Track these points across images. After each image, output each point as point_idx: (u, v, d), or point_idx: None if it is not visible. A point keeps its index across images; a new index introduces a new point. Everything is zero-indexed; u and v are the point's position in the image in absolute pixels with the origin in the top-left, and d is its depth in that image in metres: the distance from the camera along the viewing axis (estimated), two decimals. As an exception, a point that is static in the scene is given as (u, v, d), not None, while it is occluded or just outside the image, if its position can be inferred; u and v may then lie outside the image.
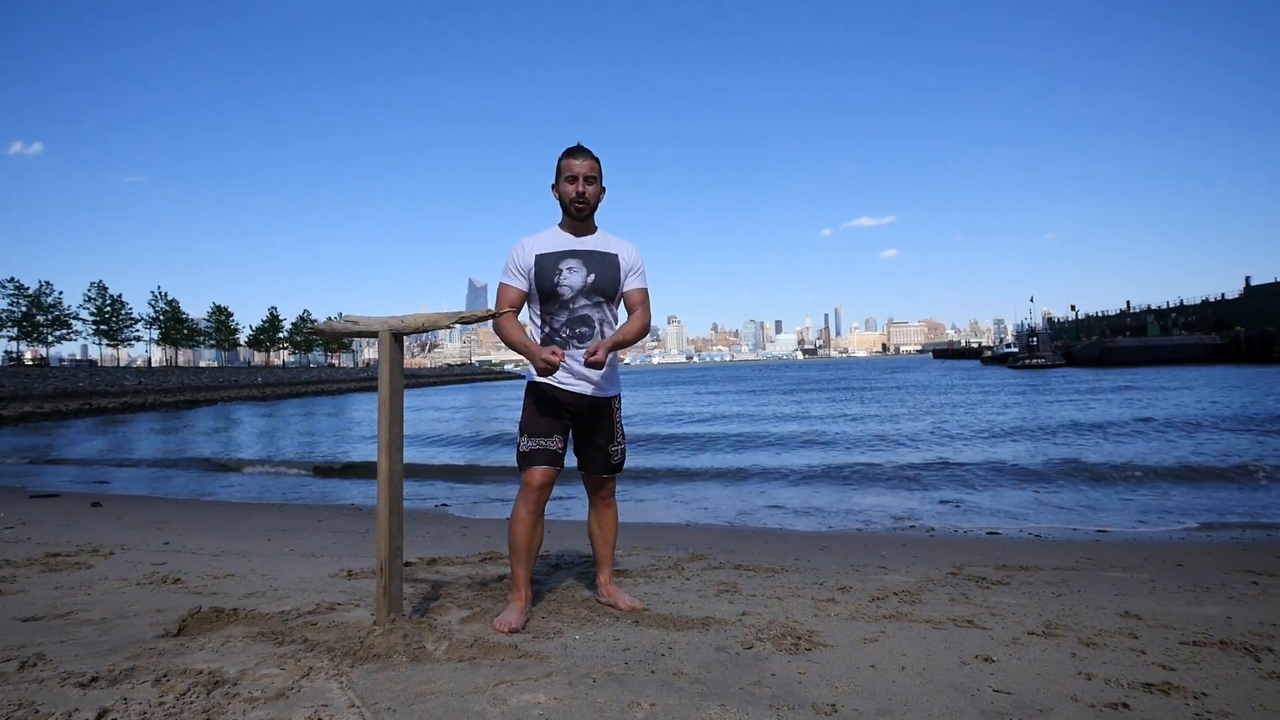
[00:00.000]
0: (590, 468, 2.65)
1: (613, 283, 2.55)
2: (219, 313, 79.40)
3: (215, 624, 2.30)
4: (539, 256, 2.53)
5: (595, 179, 2.54)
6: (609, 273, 2.55)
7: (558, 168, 2.55)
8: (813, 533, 5.65)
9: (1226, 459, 9.00)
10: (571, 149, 2.55)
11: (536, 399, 2.51)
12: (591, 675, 1.88)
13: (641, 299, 2.61)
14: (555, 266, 2.51)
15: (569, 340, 2.52)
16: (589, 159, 2.53)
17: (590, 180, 2.52)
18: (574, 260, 2.53)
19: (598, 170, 2.55)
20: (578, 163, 2.52)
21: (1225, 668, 2.00)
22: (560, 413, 2.50)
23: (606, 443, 2.61)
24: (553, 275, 2.50)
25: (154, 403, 37.86)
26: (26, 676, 1.82)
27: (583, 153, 2.54)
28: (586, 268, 2.53)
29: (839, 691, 1.81)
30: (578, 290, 2.51)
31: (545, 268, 2.51)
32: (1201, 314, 70.82)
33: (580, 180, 2.51)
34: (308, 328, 2.51)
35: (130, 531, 5.10)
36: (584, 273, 2.52)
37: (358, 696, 1.71)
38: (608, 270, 2.55)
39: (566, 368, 2.48)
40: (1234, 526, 5.58)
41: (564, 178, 2.53)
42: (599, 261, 2.54)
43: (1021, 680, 1.91)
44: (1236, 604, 2.82)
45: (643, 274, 2.64)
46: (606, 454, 2.62)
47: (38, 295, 54.39)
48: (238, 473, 11.03)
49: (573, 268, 2.52)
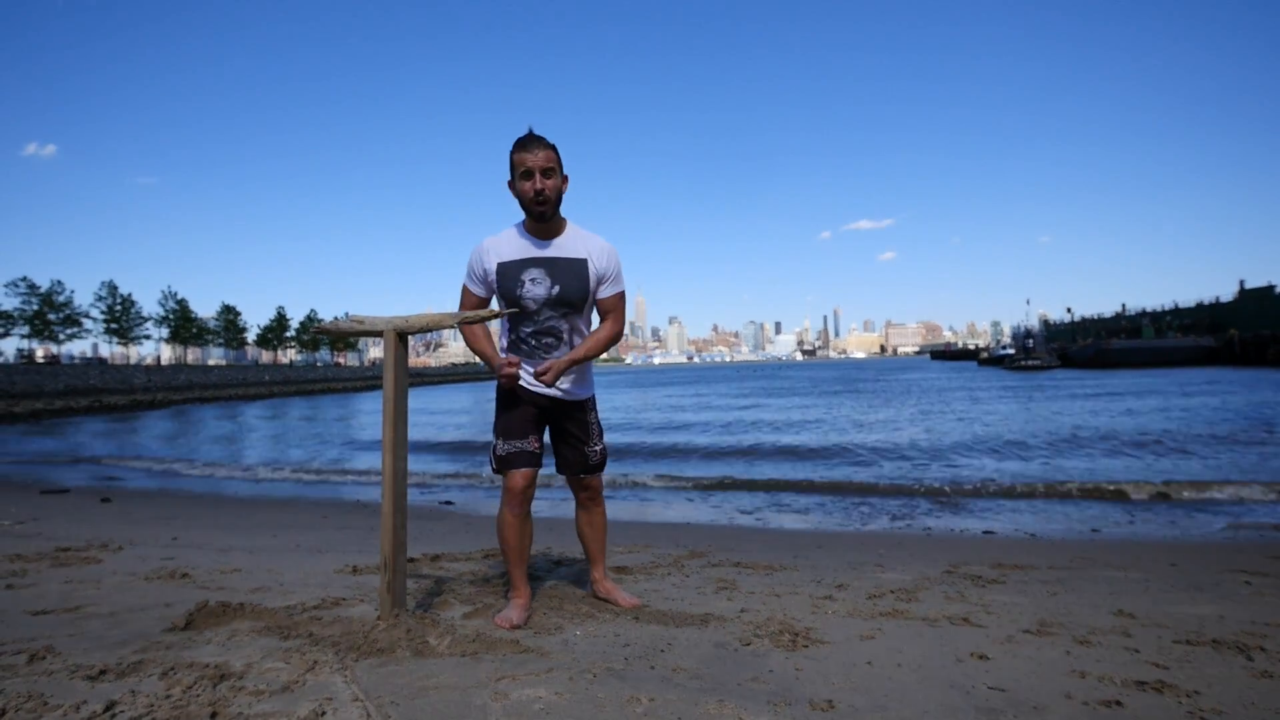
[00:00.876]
0: (568, 469, 2.60)
1: (580, 293, 2.40)
2: (227, 312, 79.81)
3: (222, 618, 2.34)
4: (500, 265, 2.38)
5: (554, 169, 2.32)
6: (575, 283, 2.39)
7: (511, 163, 2.33)
8: (811, 531, 5.67)
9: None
10: (522, 140, 2.31)
11: (507, 401, 2.47)
12: (592, 670, 1.90)
13: (613, 305, 2.48)
14: (518, 278, 2.37)
15: (535, 350, 2.44)
16: (543, 148, 2.29)
17: (548, 173, 2.30)
18: (537, 270, 2.37)
19: (555, 160, 2.32)
20: (530, 155, 2.28)
21: (1218, 666, 2.01)
22: (533, 412, 2.45)
23: (582, 444, 2.56)
24: (515, 287, 2.37)
25: (163, 400, 38.08)
26: (36, 669, 1.85)
27: (535, 142, 2.30)
28: (551, 278, 2.37)
29: (836, 688, 1.83)
30: (542, 301, 2.38)
31: (507, 278, 2.38)
32: (1196, 317, 70.78)
33: (537, 176, 2.28)
34: (315, 327, 2.53)
35: (139, 527, 5.15)
36: (548, 284, 2.37)
37: (361, 690, 1.74)
38: (574, 280, 2.39)
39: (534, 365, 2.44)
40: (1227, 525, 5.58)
41: (519, 174, 2.30)
42: (564, 270, 2.38)
43: (1016, 677, 1.92)
44: (1229, 603, 2.83)
45: (617, 278, 2.47)
46: (583, 455, 2.57)
47: (49, 294, 54.79)
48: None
49: (536, 279, 2.37)
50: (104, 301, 60.88)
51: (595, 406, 2.66)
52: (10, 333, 52.91)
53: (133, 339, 64.00)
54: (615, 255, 2.48)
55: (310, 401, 39.62)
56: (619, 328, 2.51)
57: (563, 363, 2.35)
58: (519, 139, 2.33)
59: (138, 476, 10.26)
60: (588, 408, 2.60)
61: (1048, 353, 62.97)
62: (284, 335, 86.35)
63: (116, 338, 62.13)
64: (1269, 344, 47.83)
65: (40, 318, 53.95)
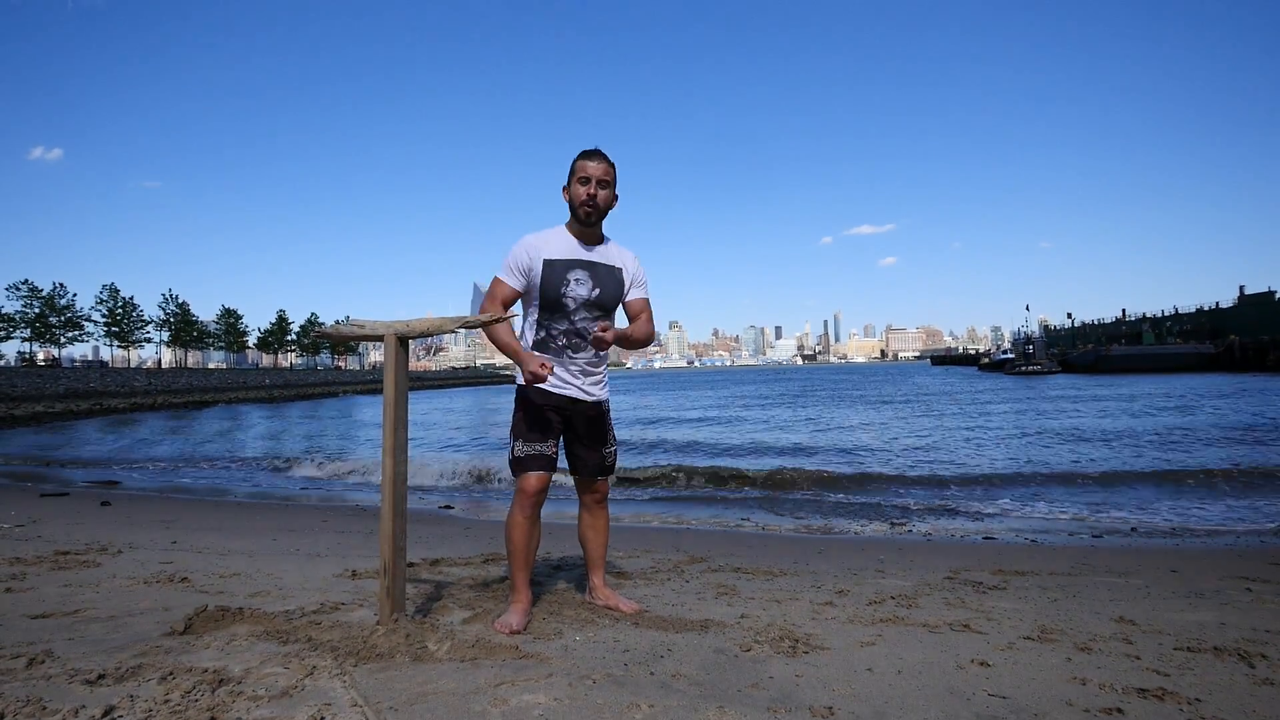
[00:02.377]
0: (584, 471, 2.63)
1: (615, 298, 2.53)
2: (228, 315, 79.90)
3: (221, 623, 2.33)
4: (548, 262, 2.44)
5: (609, 184, 2.46)
6: (613, 288, 2.51)
7: (571, 169, 2.46)
8: (811, 537, 5.66)
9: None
10: (588, 151, 2.47)
11: (527, 403, 2.49)
12: (591, 676, 1.90)
13: (644, 307, 2.59)
14: (564, 276, 2.44)
15: (564, 349, 2.48)
16: (604, 162, 2.44)
17: (604, 184, 2.44)
18: (582, 272, 2.46)
19: (612, 175, 2.46)
20: (593, 165, 2.42)
21: (1219, 674, 2.01)
22: (551, 417, 2.49)
23: (600, 445, 2.60)
24: (559, 285, 2.44)
25: (163, 403, 38.10)
26: (35, 673, 1.85)
27: (599, 156, 2.45)
28: (593, 281, 2.47)
29: (836, 694, 1.83)
30: (581, 302, 2.46)
31: (553, 275, 2.44)
32: (1196, 322, 70.88)
33: (593, 183, 2.42)
34: (315, 331, 2.54)
35: (138, 530, 5.15)
36: (590, 285, 2.47)
37: (360, 695, 1.74)
38: (612, 285, 2.51)
39: (557, 374, 2.47)
40: (1227, 533, 5.57)
41: (577, 179, 2.44)
42: (605, 275, 2.50)
43: (1017, 684, 1.92)
44: (1230, 610, 2.83)
45: (645, 286, 2.61)
46: (601, 456, 2.61)
47: (51, 297, 54.87)
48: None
49: (580, 279, 2.45)
50: (105, 304, 60.99)
51: (609, 409, 2.70)
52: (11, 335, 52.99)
53: (133, 342, 64.10)
54: (642, 267, 2.63)
55: (310, 405, 39.62)
56: (653, 328, 2.61)
57: (621, 330, 2.44)
58: (585, 150, 2.48)
59: (137, 479, 10.26)
60: (605, 410, 2.64)
61: (1048, 358, 63.01)
62: (285, 339, 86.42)
63: (117, 341, 62.22)
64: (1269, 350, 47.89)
65: (41, 320, 54.03)
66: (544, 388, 2.47)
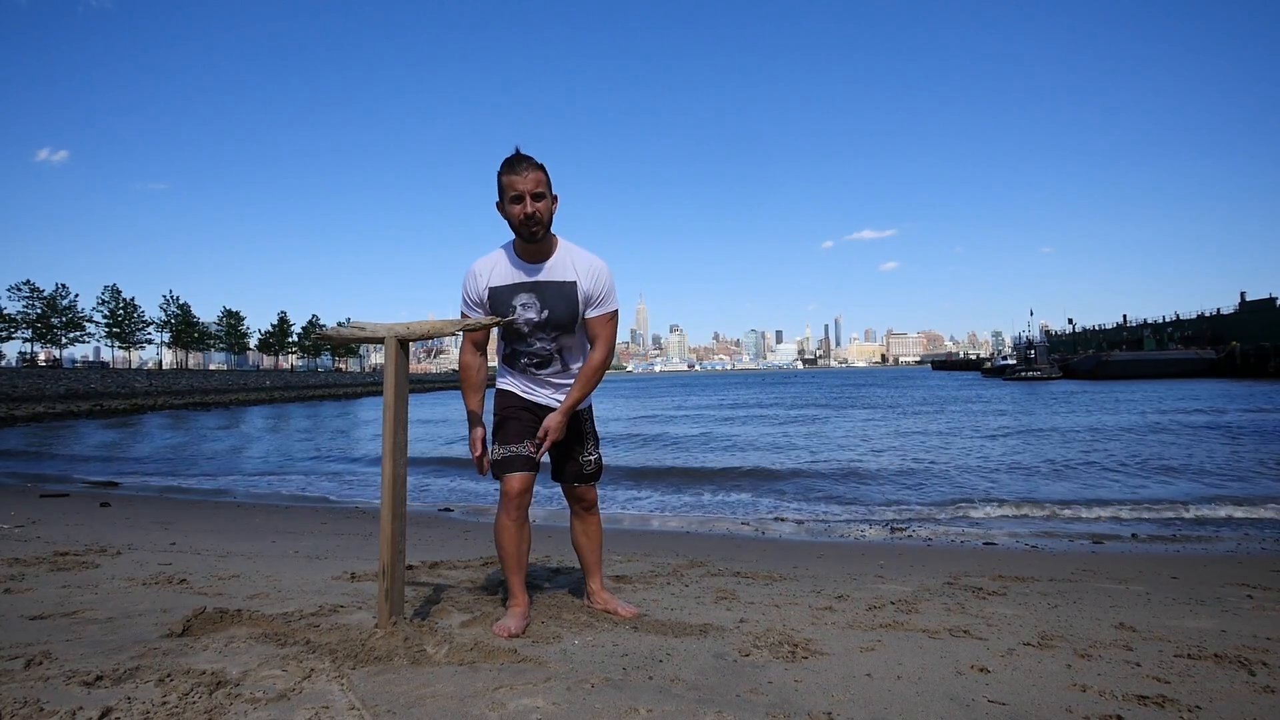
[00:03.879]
0: (562, 477, 2.62)
1: (569, 316, 2.40)
2: (230, 317, 79.97)
3: (219, 625, 2.33)
4: (492, 290, 2.40)
5: (544, 192, 2.29)
6: (564, 307, 2.38)
7: (499, 185, 2.31)
8: (811, 541, 5.65)
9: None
10: (510, 161, 2.29)
11: (504, 405, 2.49)
12: (589, 681, 1.89)
13: (601, 328, 2.43)
14: (508, 302, 2.38)
15: (528, 368, 2.49)
16: (532, 170, 2.27)
17: (538, 196, 2.27)
18: (527, 295, 2.38)
19: (545, 182, 2.30)
20: (520, 179, 2.26)
21: (1220, 681, 2.00)
22: (529, 419, 2.47)
23: (577, 453, 2.57)
24: (506, 311, 2.39)
25: (163, 404, 38.12)
26: (33, 674, 1.84)
27: (524, 164, 2.27)
28: (540, 303, 2.38)
29: (835, 700, 1.82)
30: (535, 324, 2.40)
31: (498, 302, 2.40)
32: (1197, 329, 70.93)
33: (527, 199, 2.26)
34: (316, 333, 2.54)
35: (137, 532, 5.15)
36: (537, 308, 2.38)
37: (358, 698, 1.74)
38: (562, 304, 2.38)
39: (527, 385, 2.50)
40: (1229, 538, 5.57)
41: (508, 198, 2.28)
42: (554, 295, 2.38)
43: (1016, 691, 1.91)
44: (1231, 617, 2.82)
45: (605, 298, 2.42)
46: (579, 464, 2.59)
47: (53, 298, 54.96)
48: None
49: (526, 304, 2.38)
50: (106, 305, 61.09)
51: (592, 416, 2.68)
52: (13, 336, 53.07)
53: (134, 343, 64.18)
54: (605, 273, 2.43)
55: (311, 407, 39.63)
56: (605, 353, 2.45)
57: (557, 419, 2.38)
58: (506, 160, 2.30)
59: (137, 480, 10.26)
60: (584, 417, 2.62)
61: (1049, 364, 62.99)
62: (286, 340, 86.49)
63: (118, 342, 62.29)
64: (1270, 356, 47.89)
65: (43, 321, 54.12)
66: (515, 392, 2.50)
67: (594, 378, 2.45)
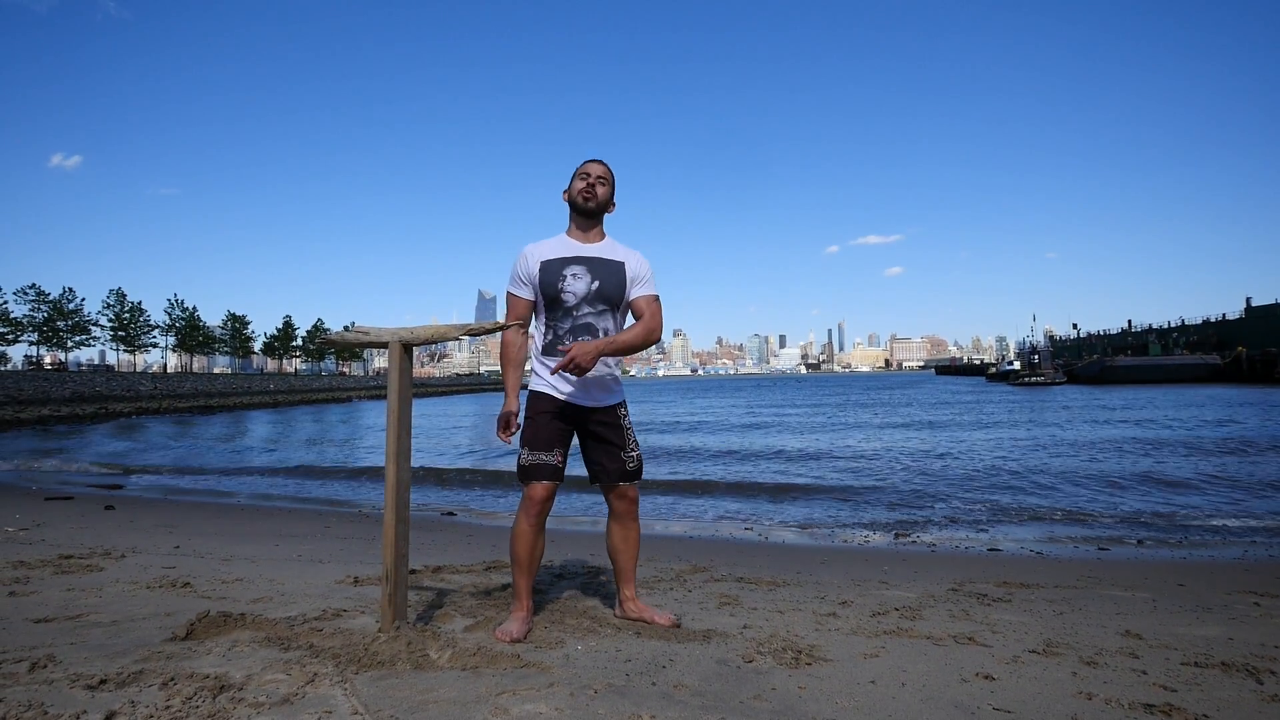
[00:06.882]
0: (605, 477, 2.58)
1: (618, 289, 2.52)
2: (234, 320, 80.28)
3: (223, 628, 2.33)
4: (543, 263, 2.50)
5: (608, 184, 2.58)
6: (614, 279, 2.52)
7: (573, 175, 2.60)
8: (815, 547, 5.64)
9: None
10: (590, 158, 2.63)
11: (537, 411, 2.48)
12: (593, 686, 1.89)
13: (648, 305, 2.54)
14: (559, 272, 2.48)
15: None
16: (604, 166, 2.60)
17: (602, 181, 2.56)
18: (579, 266, 2.50)
19: (610, 179, 2.60)
20: (593, 165, 2.59)
21: (1227, 689, 1.99)
22: (562, 426, 2.47)
23: (619, 450, 2.55)
24: (556, 281, 2.47)
25: (168, 407, 38.24)
26: (37, 677, 1.85)
27: (599, 161, 2.60)
28: (591, 274, 2.49)
29: (839, 707, 1.82)
30: (581, 297, 2.48)
31: (549, 273, 2.49)
32: (1203, 334, 70.62)
33: (593, 178, 2.55)
34: (321, 337, 2.55)
35: (141, 535, 5.16)
36: (588, 279, 2.49)
37: (361, 703, 1.74)
38: (613, 277, 2.52)
39: (562, 379, 2.48)
40: (1236, 545, 5.53)
41: (578, 175, 2.58)
42: (604, 269, 2.52)
43: (1022, 699, 1.90)
44: (1238, 625, 2.80)
45: (651, 282, 2.59)
46: (621, 461, 2.55)
47: (59, 301, 55.24)
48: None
49: (577, 274, 2.49)
50: (112, 309, 61.37)
51: (627, 410, 2.66)
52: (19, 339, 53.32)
53: (140, 346, 64.44)
54: (648, 263, 2.64)
55: (314, 410, 39.72)
56: (654, 325, 2.53)
57: (598, 344, 2.34)
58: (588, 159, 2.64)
59: (141, 484, 10.28)
60: (620, 412, 2.60)
61: (1054, 369, 62.82)
62: (290, 344, 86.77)
63: (124, 345, 62.55)
64: (1276, 361, 47.67)
65: (49, 325, 54.38)
66: (550, 394, 2.49)
67: (638, 339, 2.47)
